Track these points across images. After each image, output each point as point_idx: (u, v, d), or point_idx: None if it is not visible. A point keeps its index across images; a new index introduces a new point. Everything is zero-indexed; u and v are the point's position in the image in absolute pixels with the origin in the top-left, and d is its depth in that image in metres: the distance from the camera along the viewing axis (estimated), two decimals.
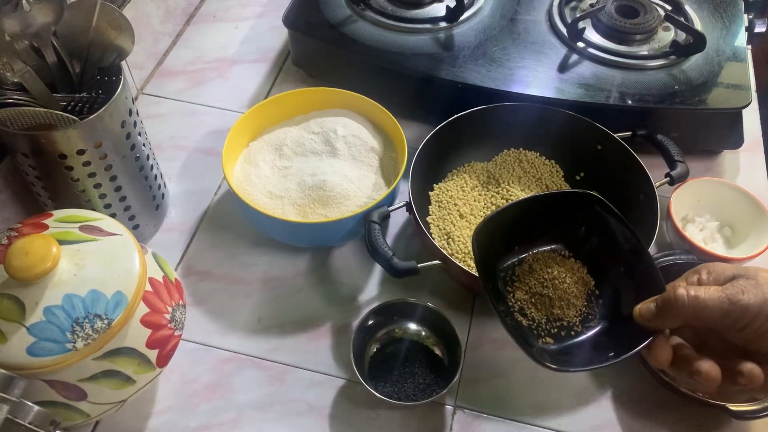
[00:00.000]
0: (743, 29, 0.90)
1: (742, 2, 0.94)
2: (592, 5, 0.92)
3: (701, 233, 0.78)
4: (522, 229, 0.60)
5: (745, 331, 0.43)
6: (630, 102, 0.81)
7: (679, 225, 0.75)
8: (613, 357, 0.52)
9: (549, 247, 0.61)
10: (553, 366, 0.52)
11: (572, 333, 0.58)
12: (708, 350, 0.48)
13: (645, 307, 0.48)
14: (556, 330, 0.58)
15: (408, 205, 0.72)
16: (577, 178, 0.83)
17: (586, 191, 0.60)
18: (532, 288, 0.59)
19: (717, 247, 0.77)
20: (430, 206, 0.78)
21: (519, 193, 0.79)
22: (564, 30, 0.88)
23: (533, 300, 0.59)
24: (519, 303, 0.59)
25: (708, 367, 0.44)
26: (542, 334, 0.58)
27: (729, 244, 0.78)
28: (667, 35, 0.88)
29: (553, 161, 0.84)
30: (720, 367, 0.45)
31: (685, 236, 0.74)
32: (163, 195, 0.80)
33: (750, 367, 0.44)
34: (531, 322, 0.58)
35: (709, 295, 0.42)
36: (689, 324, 0.46)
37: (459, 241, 0.74)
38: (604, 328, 0.57)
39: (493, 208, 0.78)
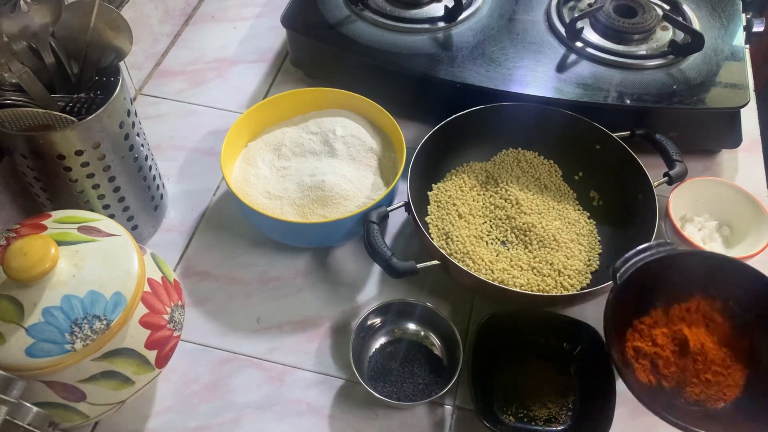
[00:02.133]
0: (741, 29, 0.90)
1: (740, 2, 0.94)
2: (590, 5, 0.92)
3: (700, 233, 0.78)
4: (535, 335, 0.68)
5: None
6: (628, 101, 0.81)
7: (678, 224, 0.75)
8: None
9: (549, 360, 0.68)
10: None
11: (532, 423, 0.64)
12: None
13: None
14: (521, 415, 0.65)
15: (407, 205, 0.72)
16: (576, 177, 0.83)
17: (585, 324, 0.66)
18: (518, 380, 0.67)
19: (716, 247, 0.77)
20: (428, 206, 0.78)
21: (518, 193, 0.79)
22: (562, 30, 0.88)
23: (514, 386, 0.66)
24: (503, 383, 0.66)
25: None
26: (508, 412, 0.65)
27: (728, 244, 0.78)
28: (665, 35, 0.88)
29: (551, 161, 0.84)
30: None
31: (684, 236, 0.74)
32: (161, 195, 0.80)
33: None
34: (505, 401, 0.65)
35: None
36: None
37: (458, 240, 0.74)
38: None
39: (492, 207, 0.78)
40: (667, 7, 0.92)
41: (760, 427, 0.53)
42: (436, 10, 0.91)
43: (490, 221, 0.78)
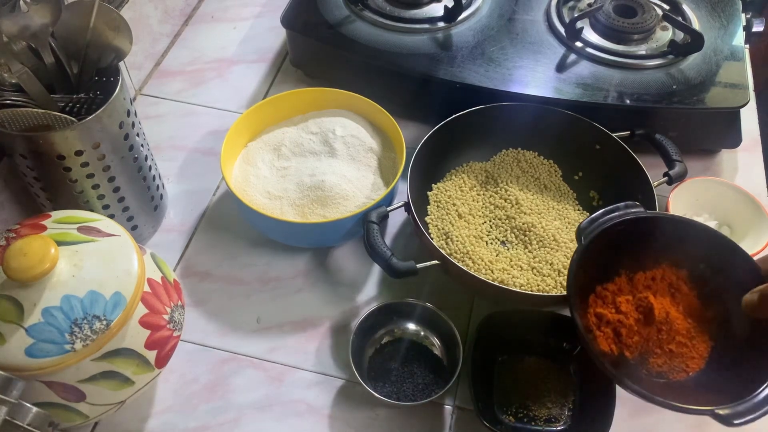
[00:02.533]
0: (741, 28, 0.90)
1: (740, 1, 0.94)
2: (590, 5, 0.92)
3: None
4: (535, 335, 0.68)
5: None
6: (628, 101, 0.81)
7: None
8: None
9: (549, 360, 0.68)
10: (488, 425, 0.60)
11: (532, 423, 0.64)
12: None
13: (748, 298, 0.52)
14: (521, 415, 0.65)
15: (406, 205, 0.72)
16: (576, 177, 0.83)
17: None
18: (518, 380, 0.67)
19: None
20: (428, 206, 0.78)
21: (517, 193, 0.79)
22: (562, 30, 0.88)
23: (514, 386, 0.66)
24: (503, 383, 0.66)
25: None
26: (508, 412, 0.65)
27: None
28: (665, 35, 0.88)
29: (551, 161, 0.84)
30: None
31: None
32: (161, 195, 0.80)
33: None
34: (505, 401, 0.65)
35: None
36: None
37: (458, 240, 0.74)
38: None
39: (492, 207, 0.78)
40: (666, 7, 0.92)
41: (720, 397, 0.52)
42: (436, 10, 0.91)
43: (490, 221, 0.78)
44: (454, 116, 0.78)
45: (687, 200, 0.79)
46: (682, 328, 0.57)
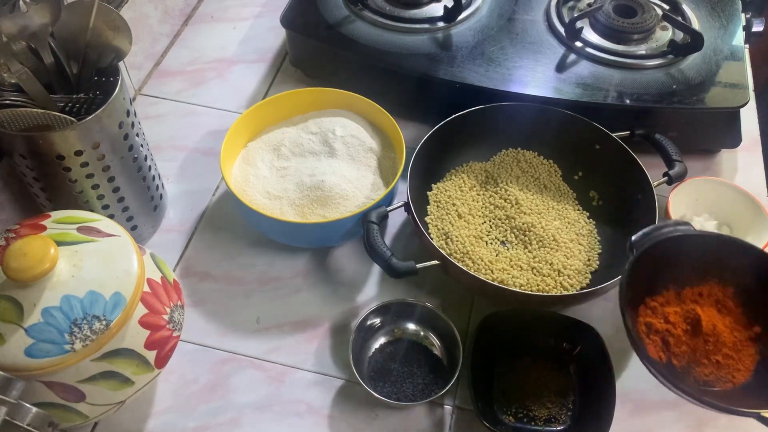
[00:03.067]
0: (741, 28, 0.90)
1: (740, 1, 0.94)
2: (589, 5, 0.92)
3: None
4: (535, 335, 0.68)
5: None
6: (628, 101, 0.81)
7: None
8: None
9: (549, 360, 0.68)
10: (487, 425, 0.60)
11: (532, 423, 0.65)
12: None
13: None
14: (521, 415, 0.65)
15: (406, 205, 0.72)
16: (575, 177, 0.83)
17: (585, 324, 0.66)
18: (518, 380, 0.67)
19: None
20: (428, 206, 0.78)
21: (517, 193, 0.79)
22: (562, 30, 0.88)
23: (514, 386, 0.66)
24: (503, 383, 0.67)
25: None
26: (508, 412, 0.65)
27: None
28: (665, 35, 0.88)
29: (551, 161, 0.84)
30: None
31: None
32: (161, 195, 0.80)
33: None
34: (505, 401, 0.65)
35: None
36: None
37: (457, 240, 0.74)
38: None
39: (492, 207, 0.78)
40: (666, 6, 0.92)
41: (765, 403, 0.54)
42: (436, 10, 0.91)
43: (490, 221, 0.78)
44: (454, 116, 0.78)
45: (687, 200, 0.79)
46: (728, 340, 0.60)
